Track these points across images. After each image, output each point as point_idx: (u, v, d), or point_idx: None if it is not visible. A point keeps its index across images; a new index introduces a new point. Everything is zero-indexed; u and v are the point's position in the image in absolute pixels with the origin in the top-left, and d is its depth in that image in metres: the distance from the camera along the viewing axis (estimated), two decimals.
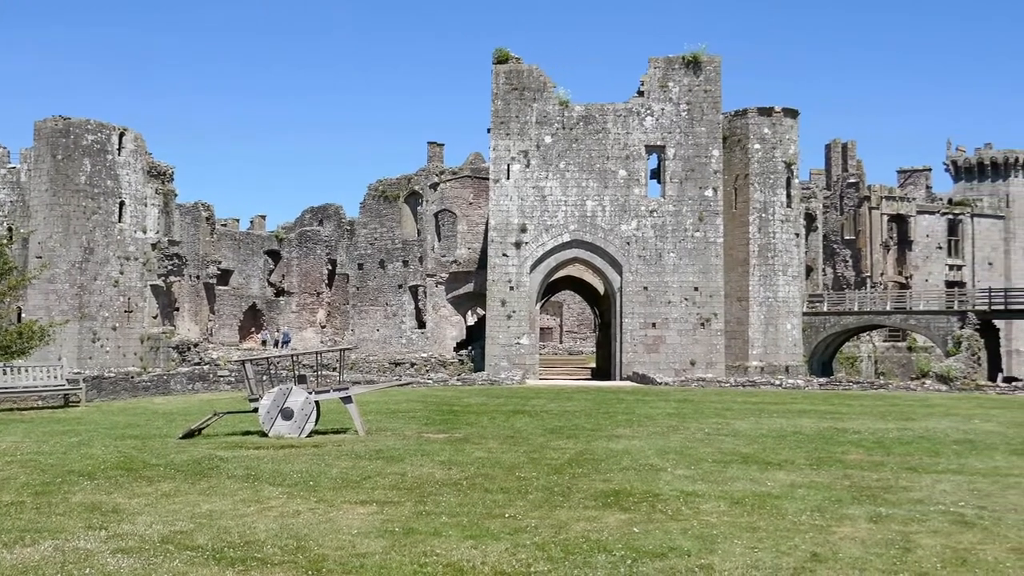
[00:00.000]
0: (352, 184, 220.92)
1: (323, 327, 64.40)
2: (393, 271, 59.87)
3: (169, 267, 53.73)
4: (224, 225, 64.92)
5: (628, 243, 48.79)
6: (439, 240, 59.94)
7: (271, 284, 65.51)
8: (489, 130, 49.78)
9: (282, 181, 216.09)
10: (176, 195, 56.25)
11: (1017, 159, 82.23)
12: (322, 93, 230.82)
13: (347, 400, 19.30)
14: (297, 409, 18.65)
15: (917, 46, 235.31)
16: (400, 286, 59.63)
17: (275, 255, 65.56)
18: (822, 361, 57.07)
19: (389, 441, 18.30)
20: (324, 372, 32.22)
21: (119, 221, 52.34)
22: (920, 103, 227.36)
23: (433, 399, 30.16)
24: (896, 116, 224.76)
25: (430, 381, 40.10)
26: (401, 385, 33.39)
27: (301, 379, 20.51)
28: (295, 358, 23.22)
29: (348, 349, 27.72)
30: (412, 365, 52.16)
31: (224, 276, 61.81)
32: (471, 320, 62.46)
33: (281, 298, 64.88)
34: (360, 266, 61.09)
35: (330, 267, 64.08)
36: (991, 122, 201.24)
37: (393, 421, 22.42)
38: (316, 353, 23.08)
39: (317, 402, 19.04)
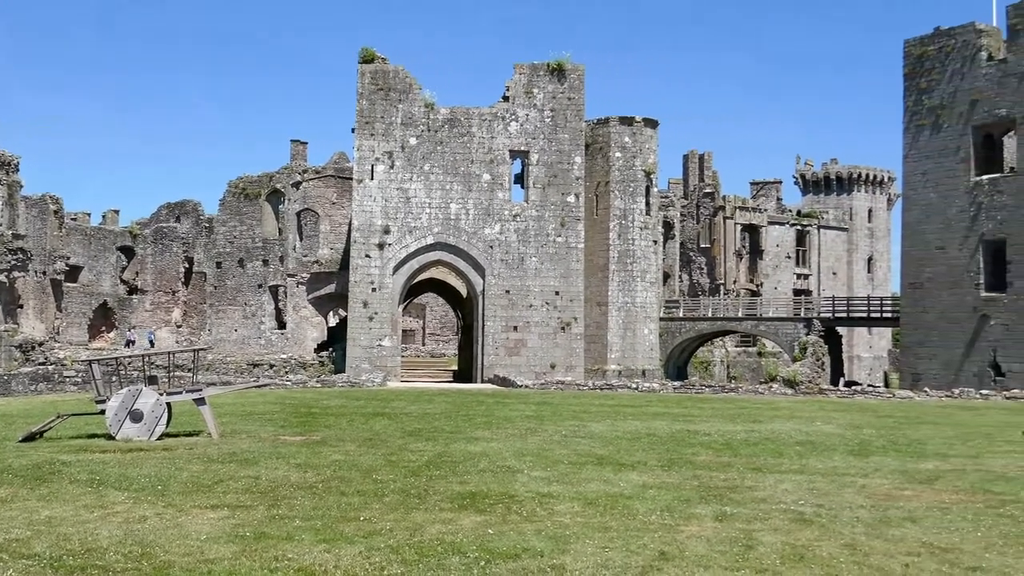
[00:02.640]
0: (212, 181, 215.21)
1: (179, 327, 62.46)
2: (253, 270, 58.56)
3: (12, 262, 51.08)
4: (74, 219, 62.22)
5: (491, 247, 49.10)
6: (301, 240, 58.96)
7: (124, 282, 63.11)
8: (354, 130, 49.31)
9: (138, 176, 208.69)
10: (22, 186, 53.56)
11: (860, 174, 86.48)
12: (182, 88, 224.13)
13: (200, 402, 18.79)
14: (147, 411, 18.05)
15: (772, 64, 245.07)
16: (260, 286, 58.36)
17: (129, 251, 63.19)
18: (677, 365, 58.70)
19: (244, 444, 17.91)
20: (178, 373, 31.28)
21: None
22: (772, 118, 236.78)
23: (291, 401, 29.66)
24: (750, 130, 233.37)
25: (289, 383, 39.41)
26: (258, 387, 32.72)
27: (152, 380, 19.88)
28: (146, 358, 22.47)
29: (203, 349, 26.99)
30: (271, 366, 51.12)
31: (73, 272, 59.20)
32: (333, 321, 61.65)
33: (134, 296, 62.60)
34: (218, 264, 59.52)
35: (187, 265, 62.20)
36: (837, 138, 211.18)
37: (249, 423, 21.95)
38: (169, 353, 22.40)
39: (168, 404, 18.47)
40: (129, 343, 59.16)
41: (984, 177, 44.21)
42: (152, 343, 59.10)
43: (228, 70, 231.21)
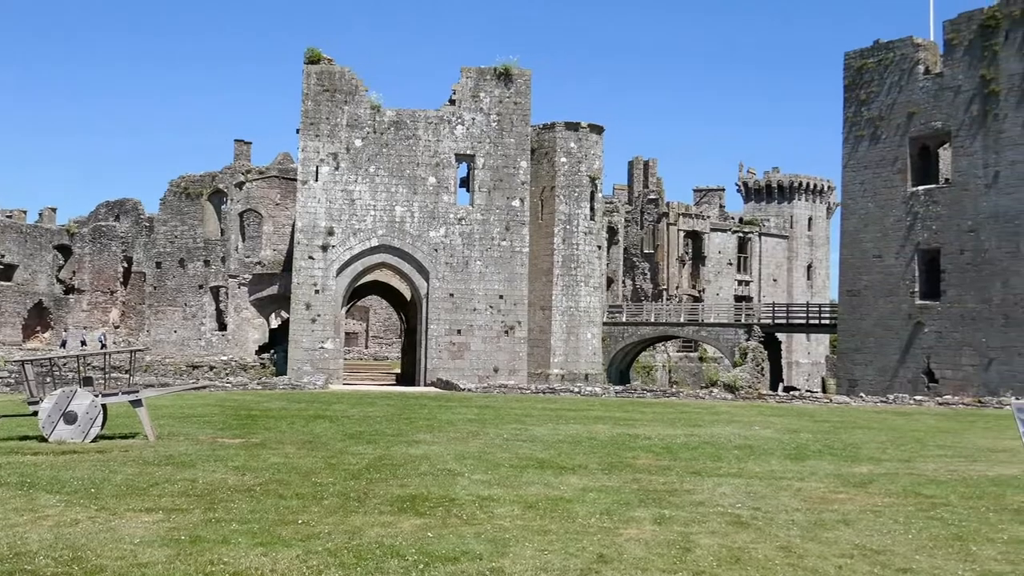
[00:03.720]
0: (152, 179, 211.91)
1: (116, 327, 61.36)
2: (194, 271, 57.78)
3: None
4: (9, 216, 60.87)
5: (436, 250, 49.01)
6: (243, 240, 58.32)
7: (60, 281, 61.85)
8: (298, 131, 48.92)
9: (76, 173, 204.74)
10: None
11: (801, 183, 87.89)
12: (123, 85, 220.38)
13: (137, 404, 18.49)
14: (81, 413, 17.72)
15: (717, 73, 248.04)
16: (201, 286, 57.60)
17: (66, 250, 61.96)
18: (620, 369, 59.09)
19: (181, 446, 17.66)
20: (114, 375, 30.76)
21: None
22: (716, 126, 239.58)
23: (231, 403, 29.30)
24: (694, 137, 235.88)
25: (229, 385, 38.95)
26: (197, 388, 32.28)
27: (87, 381, 19.47)
28: (82, 359, 22.05)
29: (140, 351, 26.55)
30: (211, 368, 50.48)
31: (7, 271, 57.90)
32: (275, 323, 61.06)
33: (71, 296, 61.38)
34: (158, 264, 58.64)
35: (126, 264, 61.15)
36: (779, 147, 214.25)
37: (187, 426, 21.64)
38: (105, 354, 21.99)
39: (104, 405, 18.15)
40: (82, 343, 57.94)
41: (920, 188, 45.15)
42: (103, 344, 57.91)
43: (172, 68, 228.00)
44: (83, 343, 57.72)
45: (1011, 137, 41.63)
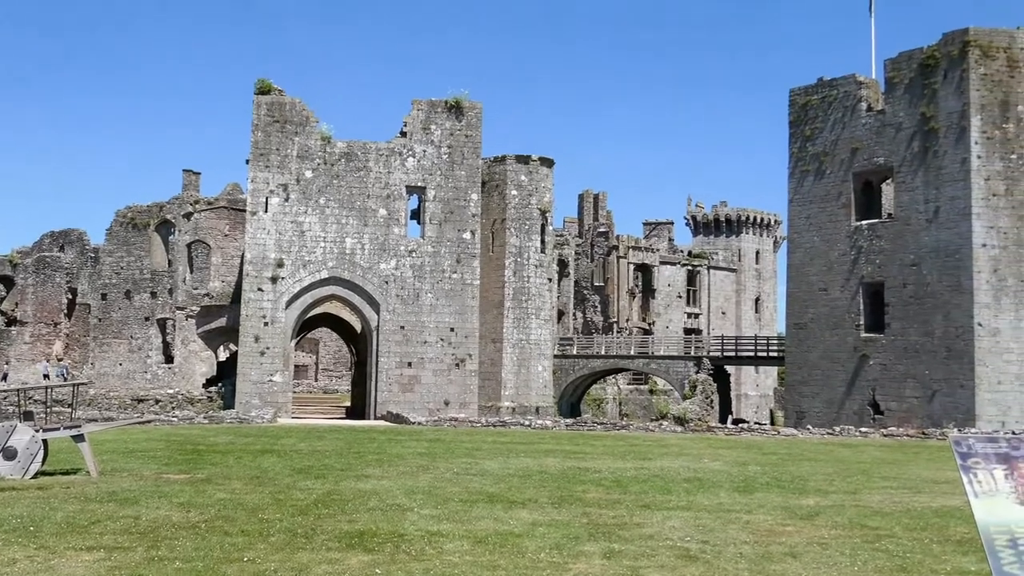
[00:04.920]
0: (99, 209, 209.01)
1: (60, 360, 60.18)
2: (140, 302, 56.93)
3: None
4: None
5: (387, 282, 48.84)
6: (191, 272, 57.65)
7: (2, 313, 60.60)
8: (248, 161, 48.61)
9: (19, 203, 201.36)
10: None
11: (748, 217, 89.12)
12: (68, 114, 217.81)
13: (79, 439, 18.13)
14: (21, 448, 17.32)
15: (667, 108, 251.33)
16: (147, 318, 56.74)
17: (8, 281, 60.75)
18: (571, 402, 59.18)
19: (124, 482, 17.33)
20: (56, 409, 30.17)
21: None
22: (666, 160, 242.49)
23: (177, 438, 28.84)
24: (644, 170, 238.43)
25: (175, 419, 38.32)
26: (142, 423, 31.72)
27: (27, 415, 19.09)
28: (22, 392, 21.60)
29: (83, 384, 26.08)
30: (157, 402, 49.64)
31: None
32: (223, 356, 60.29)
33: (13, 328, 60.13)
34: (104, 296, 57.70)
35: (70, 296, 60.08)
36: (727, 181, 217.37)
37: (130, 461, 21.25)
38: (47, 388, 21.58)
39: (45, 440, 17.77)
40: (45, 376, 56.63)
41: (864, 222, 45.99)
42: (65, 377, 56.64)
43: (120, 97, 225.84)
44: (45, 376, 56.50)
45: (950, 173, 42.64)
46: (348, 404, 59.84)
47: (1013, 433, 36.29)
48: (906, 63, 44.64)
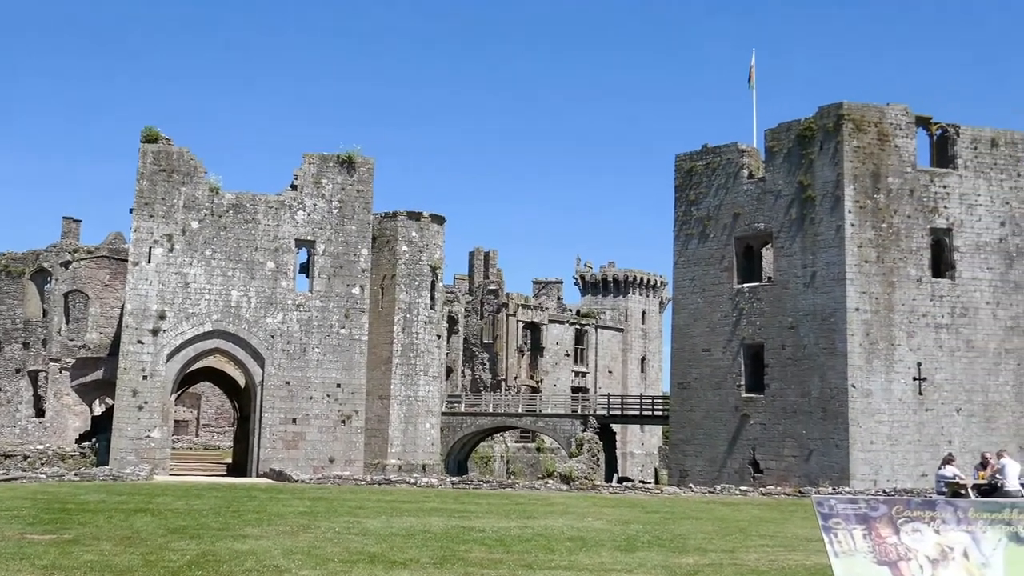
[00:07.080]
0: None
1: None
2: (11, 353, 54.59)
3: None
4: None
5: (273, 336, 48.02)
6: (67, 322, 55.61)
7: None
8: (132, 210, 47.44)
9: None
10: None
11: (635, 278, 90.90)
12: None
13: None
14: None
15: (557, 168, 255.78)
16: (18, 370, 54.40)
17: None
18: (458, 460, 58.85)
19: None
20: None
21: None
22: (555, 219, 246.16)
23: (44, 496, 27.60)
24: (534, 229, 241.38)
25: (44, 476, 36.67)
26: (7, 479, 30.32)
27: None
28: None
29: None
30: (25, 458, 47.38)
31: None
32: (99, 410, 58.09)
33: None
34: None
35: None
36: (614, 242, 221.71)
37: None
38: None
39: None
40: None
41: (745, 285, 47.44)
42: None
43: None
44: None
45: (826, 239, 44.44)
46: (230, 461, 58.25)
47: (884, 492, 37.59)
48: (785, 133, 46.59)
